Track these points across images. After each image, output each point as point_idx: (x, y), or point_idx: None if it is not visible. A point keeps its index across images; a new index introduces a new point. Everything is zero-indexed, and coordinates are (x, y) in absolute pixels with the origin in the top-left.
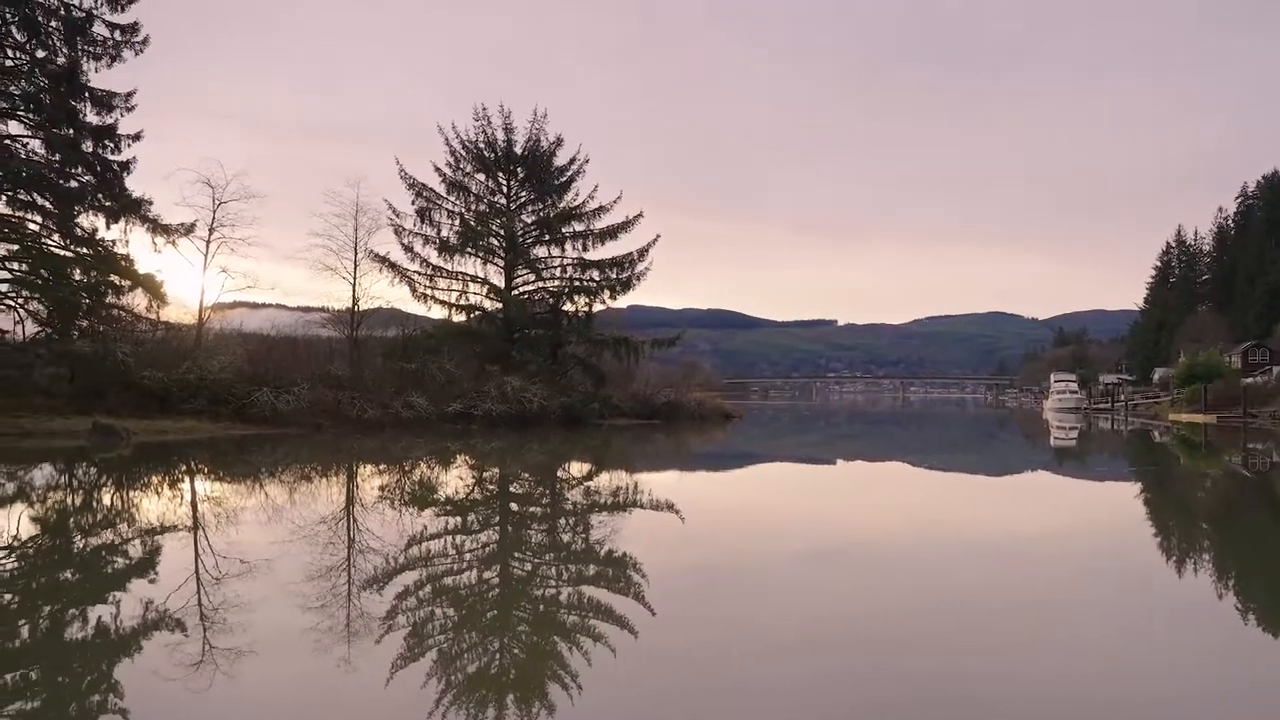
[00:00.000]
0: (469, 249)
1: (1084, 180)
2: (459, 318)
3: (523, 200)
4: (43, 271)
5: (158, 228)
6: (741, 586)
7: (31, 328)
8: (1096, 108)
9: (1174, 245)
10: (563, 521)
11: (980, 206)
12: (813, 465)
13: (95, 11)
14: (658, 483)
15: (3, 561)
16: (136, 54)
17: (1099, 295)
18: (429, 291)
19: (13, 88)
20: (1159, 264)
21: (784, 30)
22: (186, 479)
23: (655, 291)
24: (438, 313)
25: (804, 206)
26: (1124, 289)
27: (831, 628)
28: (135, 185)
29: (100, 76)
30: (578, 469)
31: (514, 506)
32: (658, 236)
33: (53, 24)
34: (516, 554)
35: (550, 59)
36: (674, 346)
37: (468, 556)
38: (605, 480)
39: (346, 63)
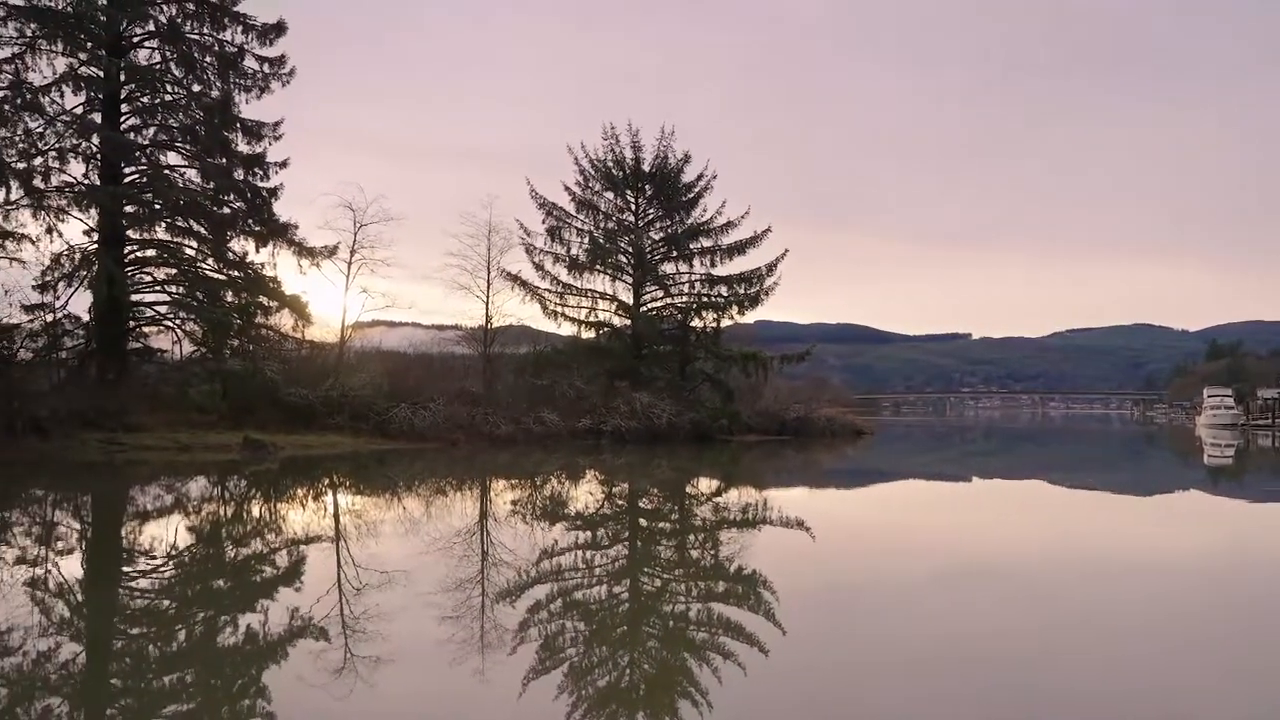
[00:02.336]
0: (598, 266)
1: (1237, 186)
2: (588, 334)
3: (650, 217)
4: (198, 294)
5: (303, 250)
6: (873, 605)
7: (188, 347)
8: (1243, 112)
9: None
10: (691, 537)
11: (1123, 214)
12: (947, 482)
13: (246, 46)
14: (787, 499)
15: (162, 570)
16: (283, 85)
17: (1256, 305)
18: (559, 309)
19: (172, 121)
20: None
21: (910, 38)
22: (329, 492)
23: (783, 306)
24: (567, 329)
25: (935, 218)
26: None
27: (965, 647)
28: (282, 210)
29: (250, 107)
30: (706, 485)
31: (643, 522)
32: (786, 251)
33: (207, 59)
34: (646, 569)
35: (672, 76)
36: (803, 362)
37: (598, 571)
38: (734, 496)
39: (474, 87)
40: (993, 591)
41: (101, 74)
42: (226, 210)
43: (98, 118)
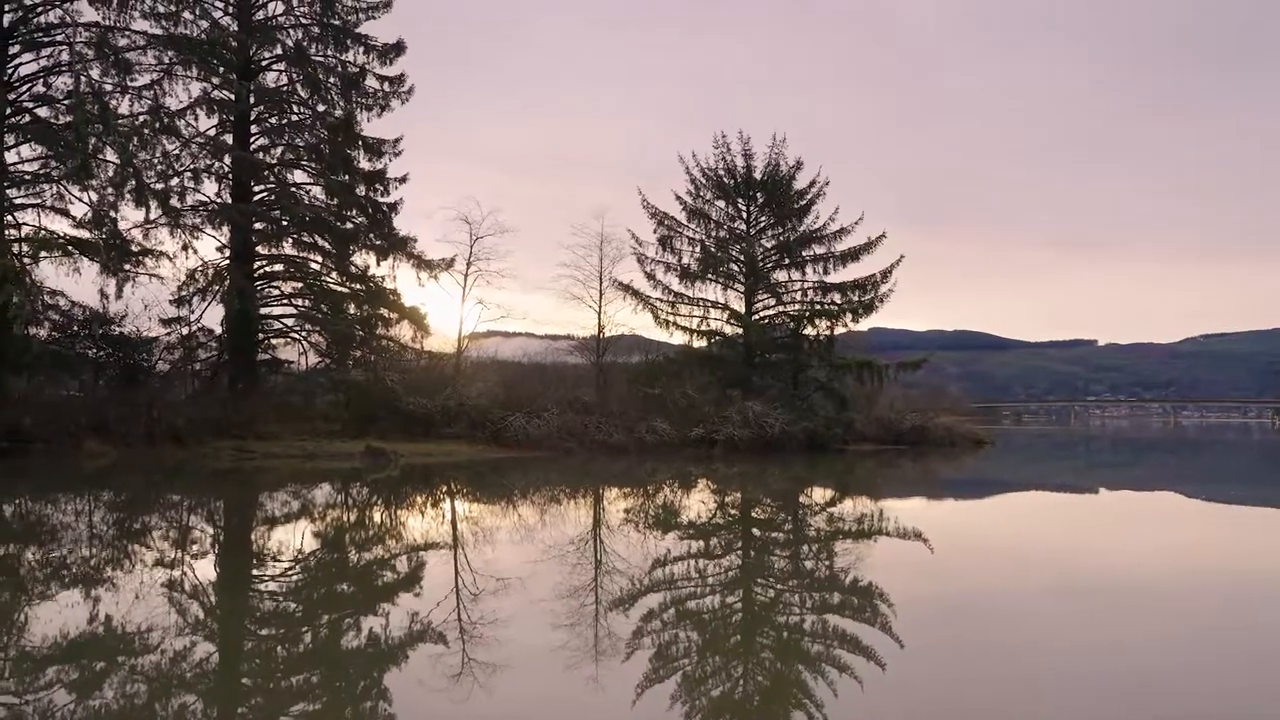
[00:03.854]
0: (709, 275)
1: None
2: (699, 343)
3: (762, 225)
4: (323, 307)
5: (422, 263)
6: (993, 619)
7: (313, 358)
8: None
9: None
10: (805, 548)
11: (1262, 212)
12: (1072, 494)
13: (367, 66)
14: (904, 510)
15: (289, 573)
16: (403, 103)
17: None
18: (670, 318)
19: (298, 140)
20: None
21: (1027, 34)
22: (447, 499)
23: (898, 313)
24: (678, 338)
25: (1057, 220)
26: None
27: (1087, 663)
28: (402, 224)
29: (371, 125)
30: (820, 495)
31: (756, 532)
32: (901, 257)
33: (331, 80)
34: (759, 579)
35: (781, 83)
36: (919, 369)
37: (710, 581)
38: (849, 507)
39: (585, 99)
40: (1119, 607)
41: (233, 97)
42: (349, 225)
43: (229, 139)
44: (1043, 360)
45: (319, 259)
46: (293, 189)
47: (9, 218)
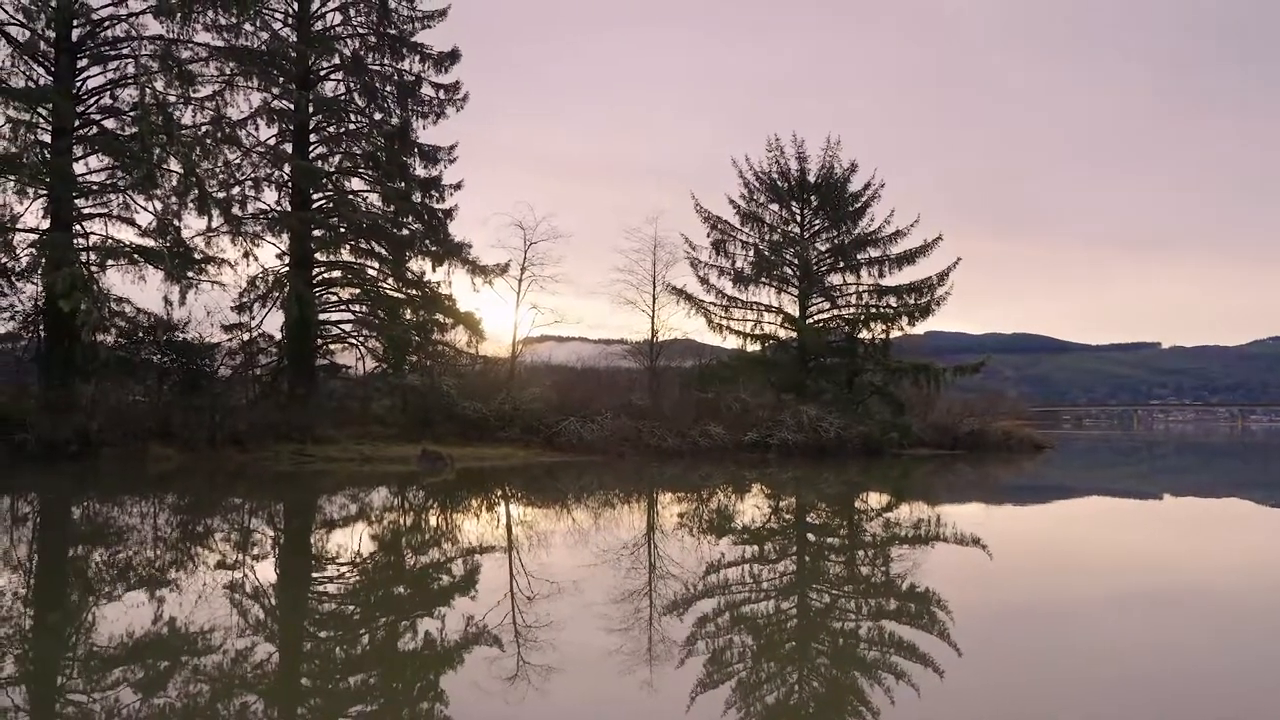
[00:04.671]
0: (763, 279)
1: None
2: (753, 347)
3: (816, 228)
4: (379, 312)
5: (476, 269)
6: (1054, 627)
7: (370, 363)
8: None
9: None
10: (861, 554)
11: None
12: (1135, 500)
13: (423, 74)
14: (962, 516)
15: (347, 576)
16: (458, 110)
17: None
18: (724, 322)
19: (355, 148)
20: None
21: (1086, 31)
22: (502, 502)
23: (955, 316)
24: (732, 342)
25: (1117, 222)
26: None
27: (1149, 673)
28: (457, 230)
29: (426, 133)
30: (876, 500)
31: (811, 537)
32: (958, 260)
33: (387, 89)
34: (814, 585)
35: (835, 85)
36: (977, 373)
37: (765, 586)
38: (906, 512)
39: (638, 104)
40: (1182, 616)
41: (292, 106)
42: (405, 232)
43: (288, 147)
44: (1104, 363)
45: (376, 265)
46: (350, 196)
47: (77, 227)
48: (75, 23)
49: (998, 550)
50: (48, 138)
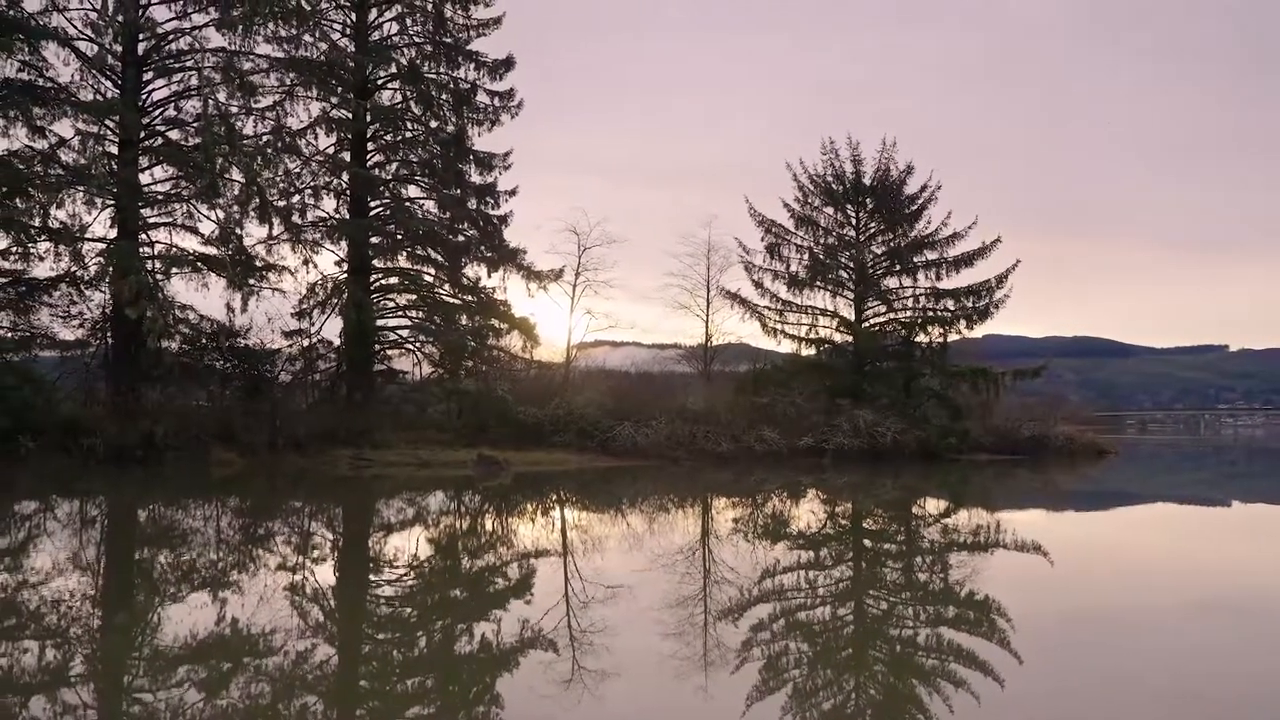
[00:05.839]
0: (818, 282)
1: None
2: (807, 351)
3: (872, 231)
4: (436, 318)
5: (531, 274)
6: (1117, 635)
7: (426, 369)
8: None
9: None
10: (919, 560)
11: None
12: (1202, 506)
13: (478, 82)
14: (1022, 522)
15: (405, 579)
16: (512, 117)
17: None
18: (778, 326)
19: (412, 156)
20: None
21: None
22: (557, 507)
23: (1015, 319)
24: (786, 346)
25: (1183, 221)
26: None
27: (1214, 685)
28: (511, 236)
29: (481, 139)
30: (934, 506)
31: (868, 543)
32: (1017, 262)
33: (443, 97)
34: (871, 591)
35: (891, 85)
36: (1037, 377)
37: (821, 592)
38: (964, 518)
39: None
40: (1252, 625)
41: (350, 115)
42: (461, 238)
43: (347, 156)
44: (1169, 366)
45: (432, 271)
46: (407, 204)
47: (143, 236)
48: (141, 37)
49: (1059, 557)
50: (115, 149)
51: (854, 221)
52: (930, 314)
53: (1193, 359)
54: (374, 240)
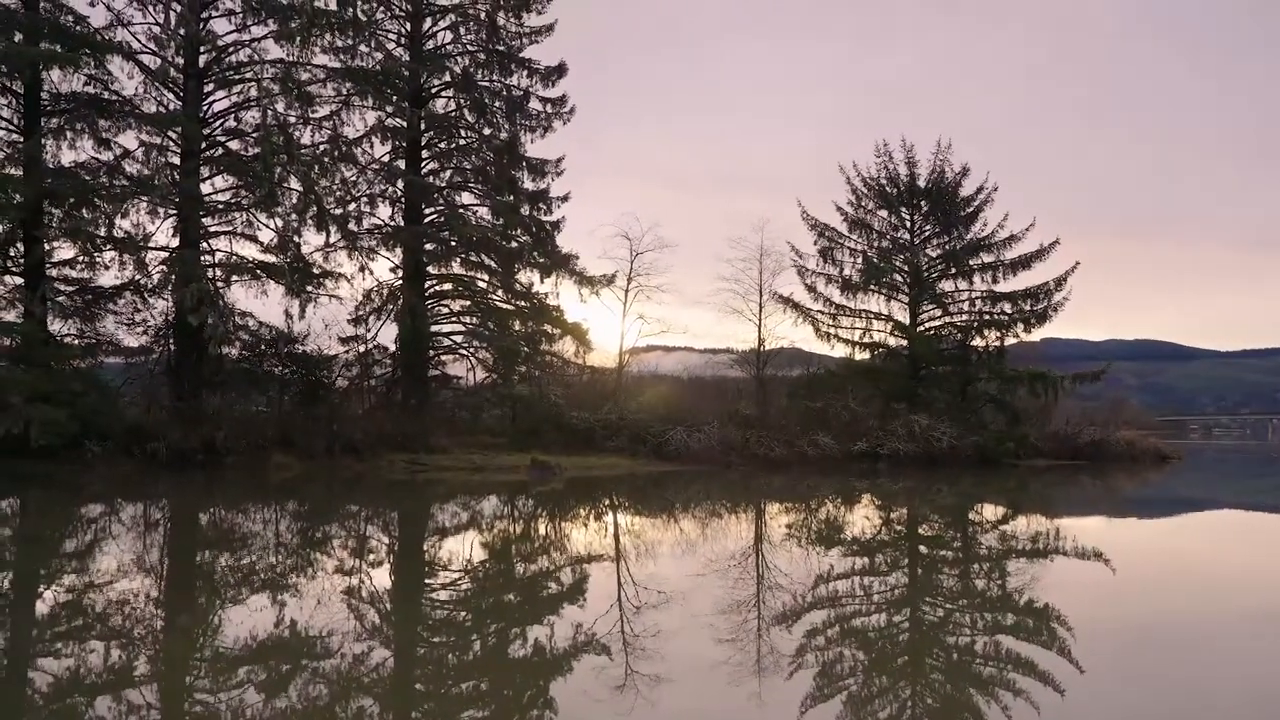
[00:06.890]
0: (872, 286)
1: None
2: (861, 355)
3: (926, 234)
4: (489, 324)
5: (584, 280)
6: (1181, 645)
7: (480, 374)
8: None
9: None
10: (976, 567)
11: None
12: (1269, 514)
13: (530, 89)
14: (1082, 529)
15: (459, 583)
16: (564, 124)
17: None
18: (831, 330)
19: (465, 163)
20: None
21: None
22: (610, 512)
23: (1074, 322)
24: (840, 351)
25: (1251, 222)
26: None
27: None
28: (564, 242)
29: (534, 146)
30: (992, 512)
31: (924, 549)
32: (1076, 264)
33: (496, 104)
34: (927, 599)
35: (947, 85)
36: (1097, 381)
37: (876, 599)
38: (1022, 524)
39: (743, 111)
40: None
41: (405, 124)
42: (514, 244)
43: (401, 164)
44: (1235, 370)
45: (485, 277)
46: (461, 210)
47: (204, 244)
48: (202, 50)
49: (1121, 564)
50: (177, 160)
51: (908, 224)
52: (987, 317)
53: (1260, 362)
54: (428, 247)
